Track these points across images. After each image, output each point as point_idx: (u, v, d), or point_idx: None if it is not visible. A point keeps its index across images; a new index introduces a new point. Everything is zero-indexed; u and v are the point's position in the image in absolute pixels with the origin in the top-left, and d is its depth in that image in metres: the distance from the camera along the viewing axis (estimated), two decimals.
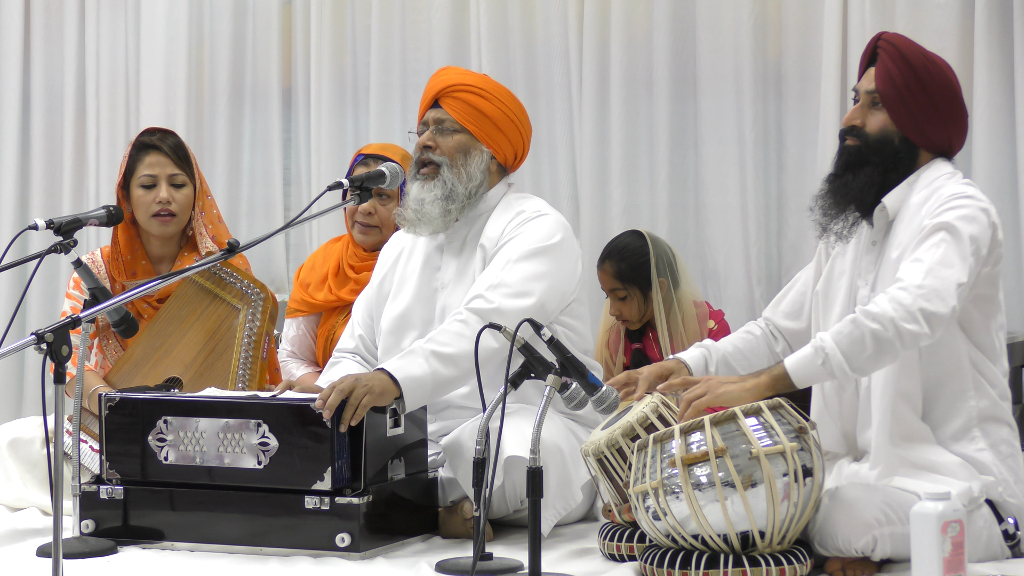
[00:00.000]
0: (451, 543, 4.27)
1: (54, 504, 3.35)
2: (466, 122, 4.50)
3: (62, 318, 3.44)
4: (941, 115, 3.90)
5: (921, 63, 3.90)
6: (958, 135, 3.97)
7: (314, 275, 5.21)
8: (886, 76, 3.90)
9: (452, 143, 4.50)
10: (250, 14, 6.21)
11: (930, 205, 3.82)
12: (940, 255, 3.73)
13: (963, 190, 3.83)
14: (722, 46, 5.51)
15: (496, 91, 4.56)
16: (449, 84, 4.54)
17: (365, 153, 5.14)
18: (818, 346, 3.73)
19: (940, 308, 3.68)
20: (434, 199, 4.46)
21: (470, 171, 4.49)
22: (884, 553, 3.70)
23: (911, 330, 3.67)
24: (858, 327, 3.70)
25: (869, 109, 3.95)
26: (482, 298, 4.30)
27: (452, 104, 4.51)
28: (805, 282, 4.17)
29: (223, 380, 4.68)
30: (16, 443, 4.80)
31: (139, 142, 4.97)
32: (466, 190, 4.48)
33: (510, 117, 4.54)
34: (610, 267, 5.08)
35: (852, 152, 3.95)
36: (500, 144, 4.53)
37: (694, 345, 4.17)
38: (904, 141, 3.91)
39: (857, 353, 3.70)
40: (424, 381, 4.21)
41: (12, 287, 6.34)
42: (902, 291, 3.70)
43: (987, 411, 3.87)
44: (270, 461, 4.15)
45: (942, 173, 3.90)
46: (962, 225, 3.76)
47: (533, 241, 4.41)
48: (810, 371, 3.75)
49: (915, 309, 3.67)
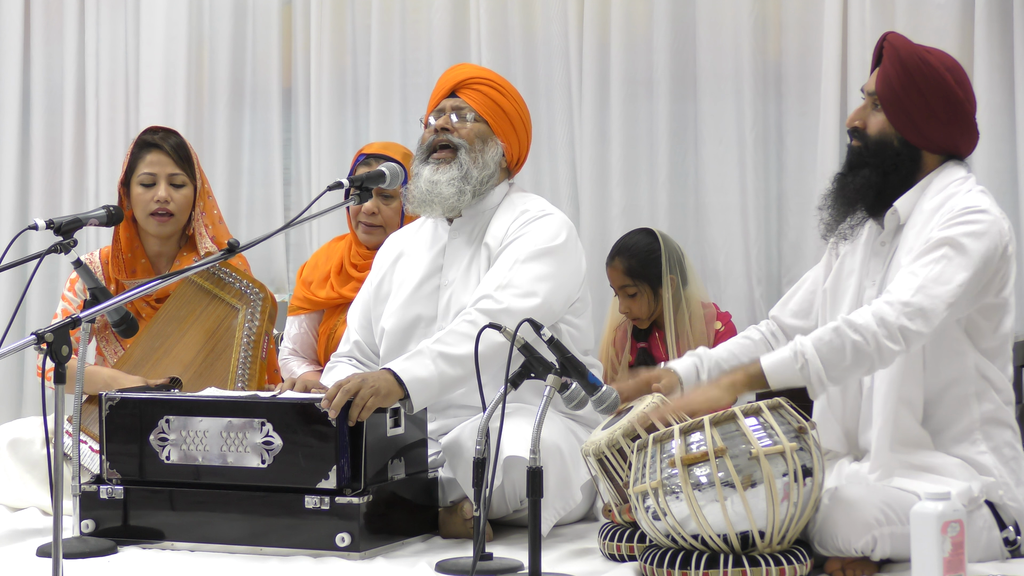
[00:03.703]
0: (451, 543, 4.27)
1: (54, 504, 3.35)
2: (485, 113, 4.52)
3: (54, 320, 3.44)
4: (938, 117, 3.88)
5: (916, 65, 3.87)
6: (963, 136, 3.93)
7: (317, 273, 5.21)
8: (884, 78, 3.90)
9: (472, 129, 4.51)
10: (250, 14, 6.21)
11: (941, 214, 3.79)
12: (937, 272, 3.71)
13: (977, 202, 3.80)
14: (722, 46, 5.51)
15: (512, 90, 4.61)
16: (469, 76, 4.57)
17: (367, 153, 5.14)
18: (797, 350, 3.73)
19: (922, 328, 3.68)
20: (450, 179, 4.46)
21: (486, 159, 4.50)
22: (884, 553, 3.70)
23: (891, 348, 3.68)
24: (840, 336, 3.69)
25: (871, 110, 3.95)
26: (491, 299, 4.30)
27: (472, 95, 4.53)
28: (815, 281, 4.15)
29: (222, 380, 4.69)
30: (16, 443, 4.80)
31: (141, 140, 4.98)
32: (480, 176, 4.49)
33: (522, 117, 4.58)
34: (620, 264, 5.07)
35: (854, 153, 3.96)
36: (512, 141, 4.55)
37: (687, 354, 4.15)
38: (903, 143, 3.90)
39: (836, 362, 3.70)
40: (431, 382, 4.22)
41: (12, 287, 6.33)
42: (887, 306, 3.69)
43: (990, 415, 3.87)
44: (274, 460, 4.15)
45: (955, 178, 3.88)
46: (968, 242, 3.73)
47: (540, 241, 4.42)
48: (787, 374, 3.74)
49: (896, 328, 3.67)
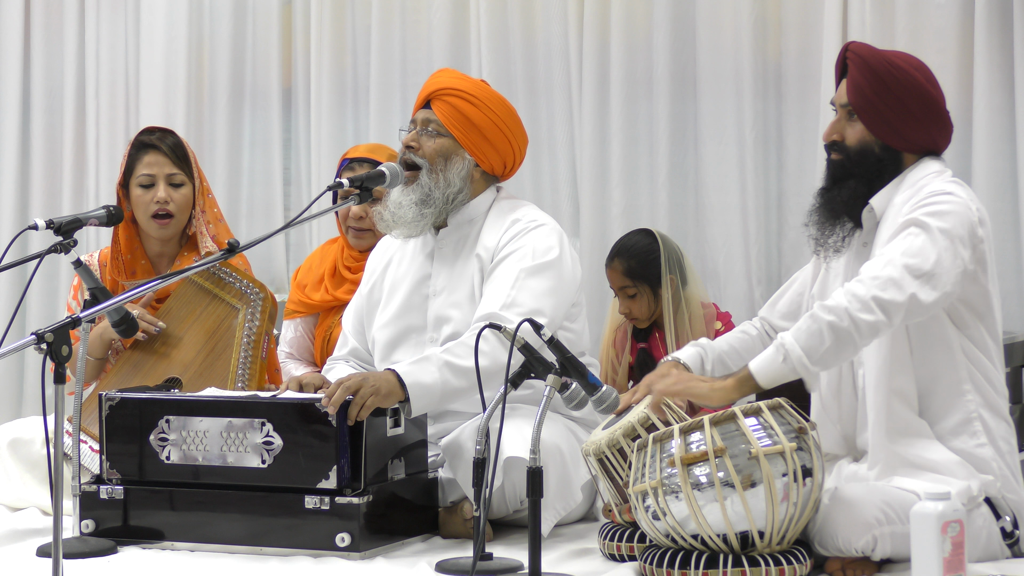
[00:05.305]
0: (451, 543, 4.27)
1: (54, 504, 3.34)
2: (451, 127, 4.47)
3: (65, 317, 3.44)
4: (916, 117, 3.90)
5: (885, 69, 3.89)
6: (940, 132, 3.96)
7: (311, 276, 5.21)
8: (855, 87, 3.92)
9: (434, 146, 4.48)
10: (250, 14, 6.21)
11: (911, 203, 3.82)
12: (904, 246, 3.73)
13: (943, 187, 3.83)
14: (722, 46, 5.51)
15: (488, 99, 4.52)
16: (441, 87, 4.51)
17: (351, 157, 5.12)
18: (778, 344, 3.74)
19: (896, 296, 3.68)
20: (410, 203, 4.45)
21: (449, 177, 4.47)
22: (884, 553, 3.70)
23: (867, 320, 3.67)
24: (815, 321, 3.70)
25: (847, 122, 3.96)
26: (500, 319, 4.28)
27: (441, 107, 4.49)
28: (803, 282, 4.17)
29: (223, 380, 4.68)
30: (16, 443, 4.80)
31: (138, 141, 4.97)
32: (443, 196, 4.47)
33: (499, 126, 4.50)
34: (619, 265, 5.06)
35: (836, 166, 3.98)
36: (485, 152, 4.50)
37: (690, 344, 4.16)
38: (884, 148, 3.92)
39: (816, 346, 3.69)
40: (433, 389, 4.22)
41: (12, 287, 6.34)
42: (858, 283, 3.71)
43: (986, 404, 3.87)
44: (274, 460, 4.15)
45: (929, 172, 3.90)
46: (932, 220, 3.75)
47: (537, 255, 4.41)
48: (773, 370, 3.74)
49: (868, 298, 3.67)
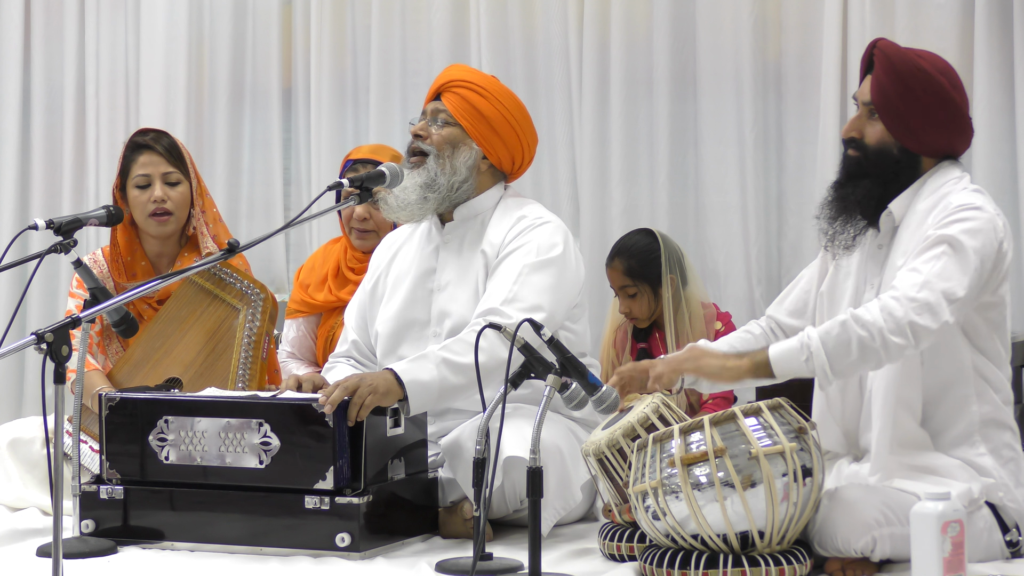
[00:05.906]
0: (451, 543, 4.27)
1: (54, 504, 3.34)
2: (461, 117, 4.50)
3: (65, 317, 3.44)
4: (937, 122, 3.88)
5: (910, 72, 3.86)
6: (959, 136, 3.93)
7: (314, 276, 5.21)
8: (879, 87, 3.89)
9: (443, 135, 4.50)
10: (250, 14, 6.21)
11: (936, 213, 3.79)
12: (939, 268, 3.70)
13: (971, 200, 3.79)
14: (722, 46, 5.51)
15: (499, 93, 4.55)
16: (452, 79, 4.55)
17: (354, 159, 5.13)
18: (804, 342, 3.71)
19: (930, 323, 3.66)
20: (415, 186, 4.47)
21: (455, 164, 4.48)
22: (884, 553, 3.69)
23: (897, 343, 3.66)
24: (846, 331, 3.68)
25: (867, 119, 3.93)
26: (500, 313, 4.29)
27: (451, 98, 4.52)
28: (809, 279, 4.15)
29: (223, 380, 4.68)
30: (16, 443, 4.80)
31: (133, 142, 4.96)
32: (448, 183, 4.48)
33: (508, 121, 4.52)
34: (620, 264, 5.06)
35: (853, 163, 3.94)
36: (493, 144, 4.52)
37: (687, 346, 4.15)
38: (903, 151, 3.89)
39: (842, 356, 3.68)
40: (431, 387, 4.22)
41: (12, 287, 6.34)
42: (894, 301, 3.67)
43: (989, 416, 3.85)
44: (272, 461, 4.15)
45: (949, 178, 3.87)
46: (966, 239, 3.72)
47: (540, 252, 4.41)
48: (793, 365, 3.73)
49: (905, 322, 3.65)
